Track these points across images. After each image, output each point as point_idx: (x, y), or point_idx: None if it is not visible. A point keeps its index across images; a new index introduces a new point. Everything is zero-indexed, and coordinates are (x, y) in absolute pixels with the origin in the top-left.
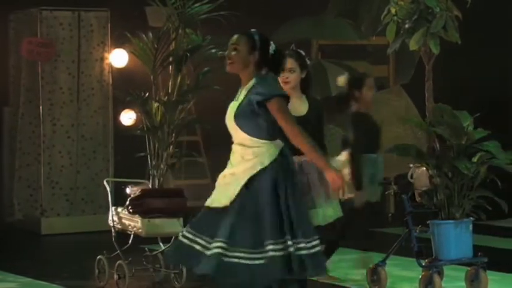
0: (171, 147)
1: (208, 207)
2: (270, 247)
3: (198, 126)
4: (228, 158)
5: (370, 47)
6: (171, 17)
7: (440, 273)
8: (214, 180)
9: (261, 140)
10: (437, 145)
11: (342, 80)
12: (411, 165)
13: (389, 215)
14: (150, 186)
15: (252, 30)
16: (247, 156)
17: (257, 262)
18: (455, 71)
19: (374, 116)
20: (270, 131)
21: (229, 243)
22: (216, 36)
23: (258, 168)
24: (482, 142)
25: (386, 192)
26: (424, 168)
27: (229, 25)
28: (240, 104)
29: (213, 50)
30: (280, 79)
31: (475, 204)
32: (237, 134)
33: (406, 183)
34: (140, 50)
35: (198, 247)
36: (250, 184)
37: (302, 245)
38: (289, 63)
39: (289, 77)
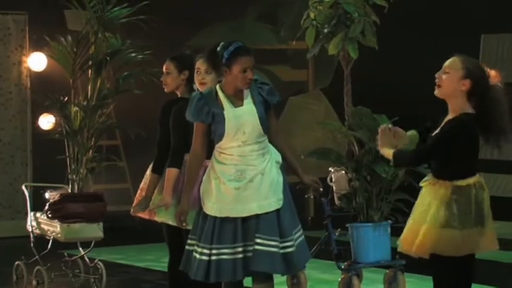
0: (91, 151)
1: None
2: (298, 234)
3: (117, 130)
4: (147, 162)
5: (289, 52)
6: (90, 21)
7: (359, 276)
8: (134, 184)
9: (265, 135)
10: (356, 149)
11: None
12: (331, 169)
13: (309, 218)
14: (70, 190)
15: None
16: (266, 154)
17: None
18: (373, 75)
19: (293, 120)
20: None
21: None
22: (136, 40)
23: (280, 160)
24: None
25: (306, 196)
26: (344, 172)
27: (149, 29)
28: (256, 106)
29: (133, 54)
30: (196, 80)
31: (393, 207)
32: (255, 134)
33: (325, 187)
34: (59, 54)
35: (273, 249)
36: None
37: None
38: (205, 65)
39: (206, 78)
